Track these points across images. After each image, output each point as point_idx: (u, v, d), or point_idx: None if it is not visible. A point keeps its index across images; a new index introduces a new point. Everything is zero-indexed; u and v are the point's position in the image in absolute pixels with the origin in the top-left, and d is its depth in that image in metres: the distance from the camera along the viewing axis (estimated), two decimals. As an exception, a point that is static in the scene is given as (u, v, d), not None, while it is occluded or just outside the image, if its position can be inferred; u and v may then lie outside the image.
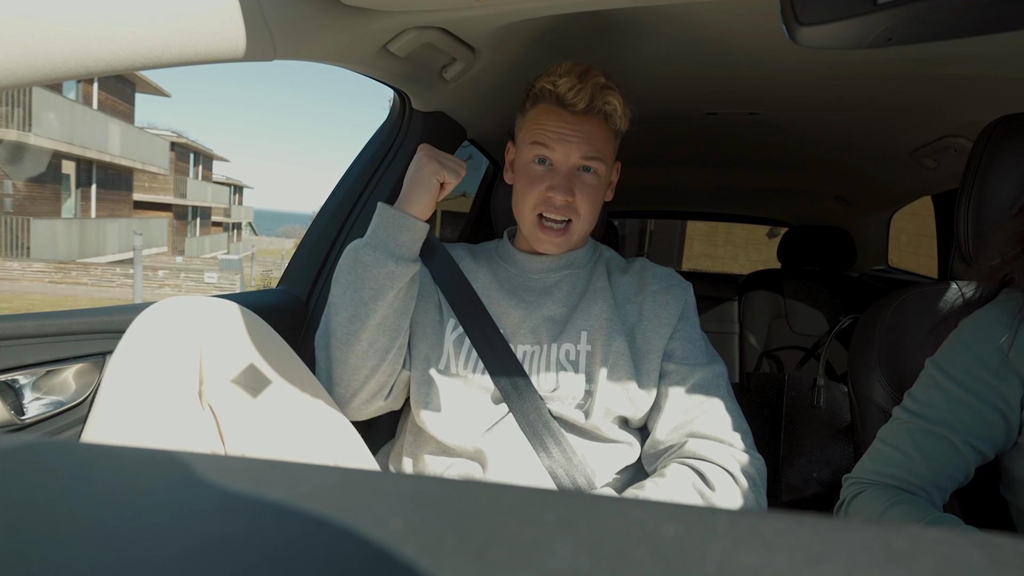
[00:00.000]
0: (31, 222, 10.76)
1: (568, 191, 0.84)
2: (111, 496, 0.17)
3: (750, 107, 1.35)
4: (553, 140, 0.84)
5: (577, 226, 0.87)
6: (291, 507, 0.17)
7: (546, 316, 0.87)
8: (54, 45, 0.49)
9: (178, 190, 19.59)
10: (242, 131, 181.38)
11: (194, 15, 0.58)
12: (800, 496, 1.39)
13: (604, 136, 0.86)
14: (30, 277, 10.07)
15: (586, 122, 0.84)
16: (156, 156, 16.05)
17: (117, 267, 11.31)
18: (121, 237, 14.22)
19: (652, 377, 0.83)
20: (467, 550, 0.15)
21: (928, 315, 0.84)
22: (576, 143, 0.84)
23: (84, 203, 13.16)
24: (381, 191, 1.14)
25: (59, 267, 10.32)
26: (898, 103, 1.24)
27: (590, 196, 0.86)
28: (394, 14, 0.78)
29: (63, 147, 11.04)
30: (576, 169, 0.85)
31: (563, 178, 0.84)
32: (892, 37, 0.55)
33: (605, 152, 0.86)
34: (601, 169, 0.86)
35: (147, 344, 0.65)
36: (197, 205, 21.66)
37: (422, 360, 0.86)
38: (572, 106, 0.83)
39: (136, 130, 14.89)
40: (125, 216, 15.36)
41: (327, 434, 0.77)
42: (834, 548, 0.15)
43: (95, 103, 13.19)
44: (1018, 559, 0.14)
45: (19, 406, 0.70)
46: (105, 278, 10.56)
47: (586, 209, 0.86)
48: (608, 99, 0.83)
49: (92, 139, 12.27)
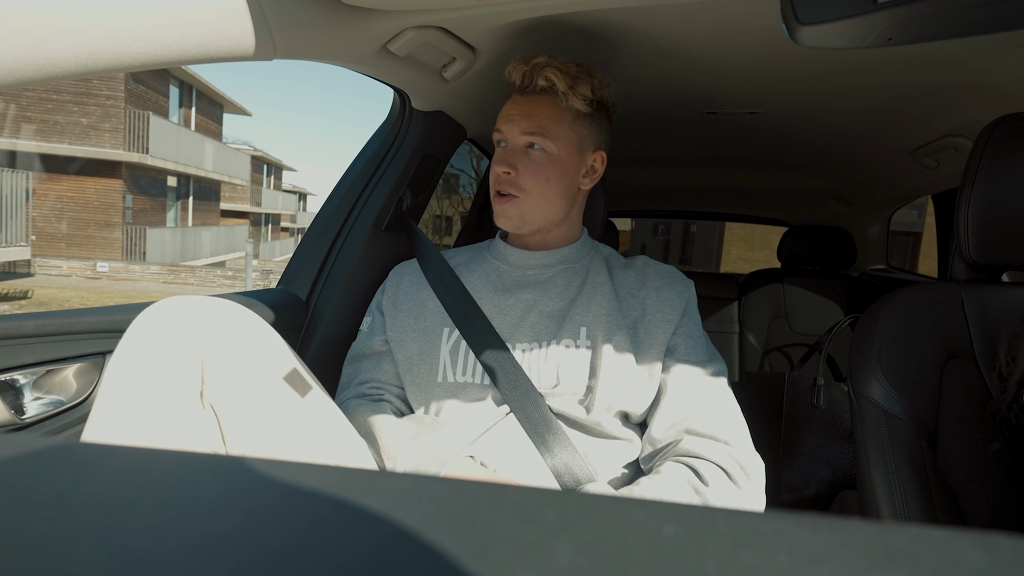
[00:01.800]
0: (147, 231, 12.67)
1: (508, 164, 0.87)
2: (111, 496, 0.17)
3: (750, 107, 1.35)
4: (502, 121, 0.89)
5: (527, 203, 0.88)
6: (291, 507, 0.17)
7: (543, 312, 0.87)
8: (54, 44, 0.49)
9: (254, 199, 21.91)
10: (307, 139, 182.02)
11: (194, 14, 0.58)
12: (800, 496, 1.39)
13: (550, 114, 0.87)
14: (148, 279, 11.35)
15: (532, 101, 0.88)
16: (239, 169, 18.12)
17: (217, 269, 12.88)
18: (212, 242, 16.11)
19: (654, 372, 0.83)
20: (467, 550, 0.15)
21: (928, 315, 0.84)
22: (517, 120, 0.87)
23: (183, 213, 15.18)
24: (381, 191, 1.14)
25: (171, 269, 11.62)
26: (898, 103, 1.24)
27: (537, 173, 0.87)
28: (394, 14, 0.78)
29: (170, 165, 13.03)
30: (524, 147, 0.88)
31: (504, 152, 0.89)
32: (892, 37, 0.55)
33: (553, 130, 0.87)
34: (550, 147, 0.87)
35: (148, 343, 0.65)
36: (269, 212, 24.24)
37: (419, 379, 0.88)
38: (515, 86, 0.89)
39: (224, 147, 16.89)
40: (215, 224, 17.41)
41: (327, 434, 0.77)
42: (834, 548, 0.15)
43: (192, 125, 15.09)
44: (1018, 559, 0.14)
45: (19, 405, 0.70)
46: (208, 279, 11.68)
47: (533, 185, 0.87)
48: (545, 74, 0.85)
49: (191, 157, 14.26)
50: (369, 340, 0.95)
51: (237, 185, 19.31)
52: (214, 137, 16.41)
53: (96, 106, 11.49)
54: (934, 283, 0.87)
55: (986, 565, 0.14)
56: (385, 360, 0.93)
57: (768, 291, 2.04)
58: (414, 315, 0.92)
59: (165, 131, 12.67)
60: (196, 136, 14.66)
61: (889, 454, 0.80)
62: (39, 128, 11.14)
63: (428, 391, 0.87)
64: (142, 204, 12.79)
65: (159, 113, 12.87)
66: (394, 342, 0.92)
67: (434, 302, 0.92)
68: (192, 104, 14.91)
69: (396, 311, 0.94)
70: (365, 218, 1.13)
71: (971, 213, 0.80)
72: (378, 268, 1.13)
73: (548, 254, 0.93)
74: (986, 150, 0.79)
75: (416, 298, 0.94)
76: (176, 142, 13.37)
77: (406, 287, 0.97)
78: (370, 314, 0.98)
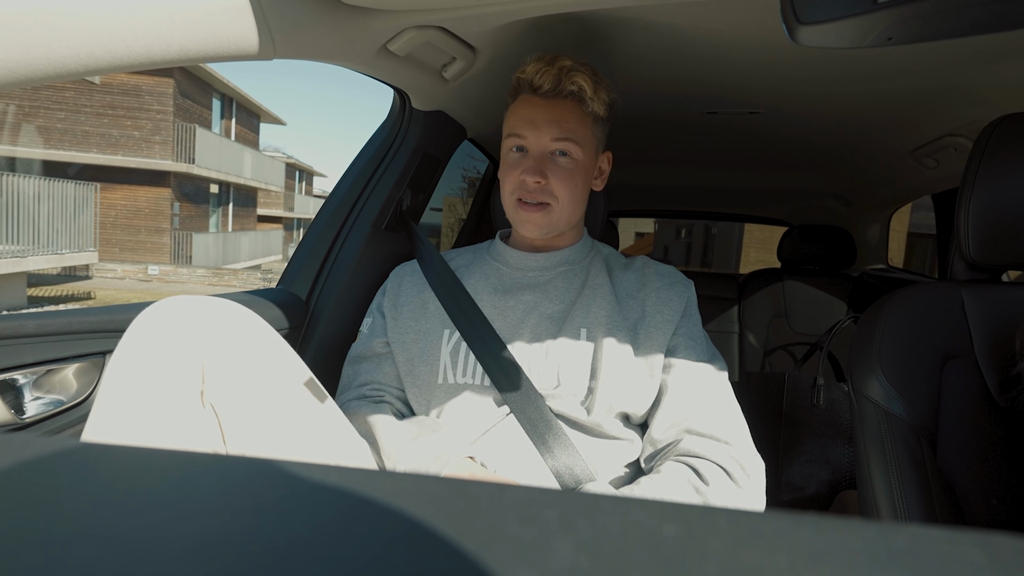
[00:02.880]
0: (193, 236, 13.57)
1: (540, 173, 0.85)
2: (111, 496, 0.17)
3: (750, 107, 1.35)
4: (524, 126, 0.86)
5: (557, 210, 0.88)
6: (291, 507, 0.17)
7: (544, 315, 0.87)
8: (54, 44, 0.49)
9: (287, 204, 23.12)
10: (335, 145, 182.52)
11: (193, 14, 0.58)
12: (800, 496, 1.39)
13: (577, 119, 0.87)
14: (195, 281, 11.96)
15: (556, 105, 0.86)
16: (275, 176, 19.20)
17: (257, 272, 13.91)
18: (250, 246, 17.16)
19: (655, 372, 0.83)
20: (467, 550, 0.15)
21: (928, 315, 0.84)
22: (545, 126, 0.85)
23: (223, 219, 16.27)
24: (381, 191, 1.14)
25: (215, 272, 12.29)
26: (898, 102, 1.24)
27: (567, 179, 0.87)
28: (394, 13, 0.78)
29: (213, 174, 13.96)
30: (550, 153, 0.86)
31: (535, 161, 0.86)
32: (892, 36, 0.55)
33: (579, 135, 0.87)
34: (577, 152, 0.87)
35: (148, 343, 0.65)
36: (301, 217, 25.18)
37: (420, 380, 0.88)
38: (539, 89, 0.86)
39: (260, 155, 17.87)
40: (252, 229, 18.51)
41: (327, 434, 0.77)
42: (834, 548, 0.15)
43: (232, 135, 16.13)
44: (1018, 559, 0.14)
45: (19, 405, 0.70)
46: (249, 281, 12.40)
47: (564, 192, 0.87)
48: (574, 79, 0.85)
49: (232, 166, 15.25)
50: (370, 342, 0.94)
51: (272, 191, 20.25)
52: (251, 146, 17.52)
53: (148, 120, 12.43)
54: (934, 283, 0.87)
55: (986, 565, 0.14)
56: (386, 362, 0.93)
57: (768, 291, 2.04)
58: (415, 317, 0.92)
59: (209, 142, 13.64)
60: (236, 146, 15.64)
61: (889, 454, 0.80)
62: (96, 142, 12.25)
63: (429, 392, 0.87)
64: (188, 211, 13.77)
65: (203, 125, 13.82)
66: (395, 344, 0.92)
67: (435, 304, 0.92)
68: (232, 115, 15.97)
69: (397, 312, 0.94)
70: (365, 218, 1.13)
71: (971, 213, 0.80)
72: (378, 268, 1.13)
73: (549, 256, 0.93)
74: (986, 150, 0.79)
75: (417, 300, 0.94)
76: (218, 152, 14.27)
77: (407, 288, 0.96)
78: (370, 315, 0.98)
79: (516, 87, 0.90)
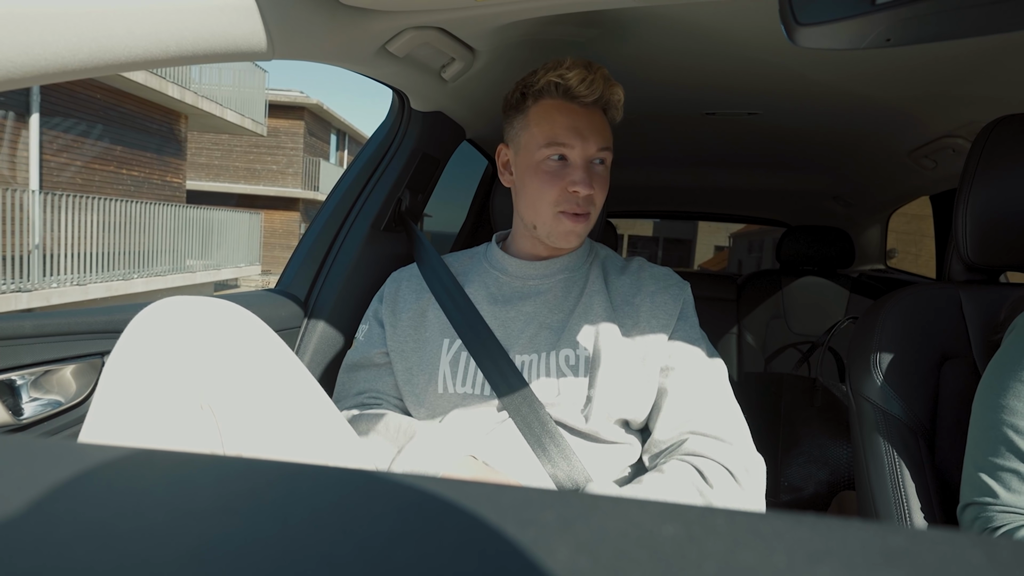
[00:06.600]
0: None
1: (589, 184, 0.84)
2: (110, 496, 0.17)
3: (749, 107, 1.35)
4: (570, 135, 0.84)
5: (593, 217, 0.89)
6: (291, 507, 0.17)
7: (542, 324, 0.87)
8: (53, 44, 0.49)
9: None
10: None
11: (193, 14, 0.57)
12: (799, 496, 1.39)
13: (607, 126, 0.88)
14: None
15: (594, 114, 0.86)
16: None
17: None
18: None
19: (652, 379, 0.83)
20: (467, 550, 0.15)
21: (926, 316, 0.84)
22: (591, 136, 0.85)
23: None
24: (380, 191, 1.14)
25: None
26: (896, 103, 1.24)
27: (603, 188, 0.88)
28: (393, 14, 0.78)
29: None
30: (591, 162, 0.86)
31: (583, 172, 0.84)
32: (890, 38, 0.55)
33: (611, 143, 0.88)
34: (609, 160, 0.88)
35: (145, 344, 0.65)
36: None
37: (419, 390, 0.87)
38: (581, 98, 0.84)
39: None
40: None
41: (327, 435, 0.77)
42: (832, 548, 0.15)
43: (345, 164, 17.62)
44: (1017, 559, 0.14)
45: (17, 406, 0.70)
46: None
47: (600, 200, 0.88)
48: (615, 90, 0.86)
49: None
50: (367, 351, 0.93)
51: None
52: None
53: (283, 156, 15.20)
54: (932, 284, 0.87)
55: (985, 565, 0.14)
56: (384, 372, 0.92)
57: (767, 292, 2.05)
58: (414, 325, 0.91)
59: (328, 172, 16.51)
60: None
61: (887, 454, 0.80)
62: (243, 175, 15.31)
63: (428, 402, 0.86)
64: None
65: (323, 157, 16.70)
66: (394, 352, 0.91)
67: (433, 312, 0.91)
68: (345, 147, 18.74)
69: (396, 320, 0.93)
70: (364, 218, 1.13)
71: (969, 214, 0.80)
72: (377, 268, 1.13)
73: (549, 264, 0.92)
74: (984, 151, 0.79)
75: (415, 307, 0.93)
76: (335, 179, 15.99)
77: (404, 295, 0.95)
78: (366, 322, 0.96)
79: (542, 91, 0.85)
